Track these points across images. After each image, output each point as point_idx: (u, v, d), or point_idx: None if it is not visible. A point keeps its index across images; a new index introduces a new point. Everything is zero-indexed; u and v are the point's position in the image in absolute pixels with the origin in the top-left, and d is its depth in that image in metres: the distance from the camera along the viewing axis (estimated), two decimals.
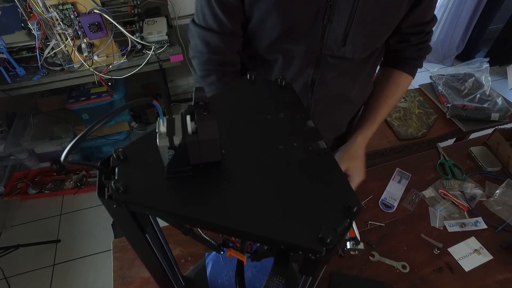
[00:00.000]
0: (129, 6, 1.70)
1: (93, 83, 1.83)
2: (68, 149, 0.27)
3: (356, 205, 0.32)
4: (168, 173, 0.34)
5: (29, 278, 1.69)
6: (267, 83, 0.50)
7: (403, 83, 0.83)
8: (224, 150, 0.38)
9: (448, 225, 0.91)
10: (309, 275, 0.40)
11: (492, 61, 1.82)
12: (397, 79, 0.82)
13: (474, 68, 1.65)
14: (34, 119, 2.09)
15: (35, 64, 1.62)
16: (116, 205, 0.33)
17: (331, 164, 0.38)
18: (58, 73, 1.63)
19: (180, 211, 0.33)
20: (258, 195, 0.34)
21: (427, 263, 0.83)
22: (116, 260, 0.83)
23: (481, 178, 1.05)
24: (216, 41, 0.69)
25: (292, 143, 0.40)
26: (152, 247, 0.44)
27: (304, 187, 0.35)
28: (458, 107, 1.48)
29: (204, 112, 0.31)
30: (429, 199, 0.98)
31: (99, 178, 0.35)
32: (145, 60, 1.69)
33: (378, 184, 1.02)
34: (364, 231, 0.90)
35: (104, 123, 0.28)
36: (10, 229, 1.90)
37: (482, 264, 0.83)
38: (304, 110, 0.45)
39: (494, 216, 0.94)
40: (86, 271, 1.72)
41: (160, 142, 0.32)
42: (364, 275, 0.81)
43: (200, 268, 0.75)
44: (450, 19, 2.86)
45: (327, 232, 0.30)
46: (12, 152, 2.01)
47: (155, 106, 0.30)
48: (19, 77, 1.62)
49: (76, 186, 2.08)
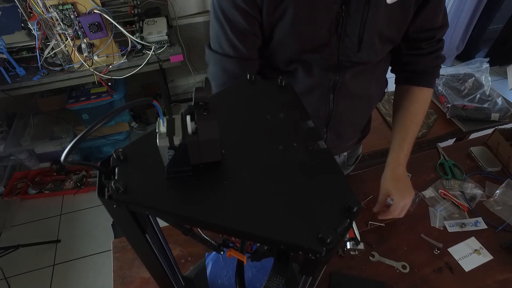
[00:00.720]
0: (129, 6, 1.70)
1: (93, 83, 1.83)
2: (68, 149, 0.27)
3: (356, 205, 0.32)
4: (168, 173, 0.34)
5: (29, 278, 1.69)
6: (267, 83, 0.50)
7: (425, 98, 0.82)
8: (224, 150, 0.38)
9: (448, 225, 0.91)
10: (309, 275, 0.40)
11: (492, 61, 1.82)
12: (418, 97, 0.82)
13: (474, 68, 1.65)
14: (34, 119, 2.09)
15: (35, 64, 1.62)
16: (116, 205, 0.33)
17: (331, 164, 0.38)
18: (58, 73, 1.63)
19: (180, 211, 0.33)
20: (258, 195, 0.34)
21: (427, 263, 0.83)
22: (116, 260, 0.83)
23: (481, 178, 1.05)
24: (232, 66, 0.70)
25: (292, 143, 0.40)
26: (152, 247, 0.44)
27: (304, 187, 0.35)
28: (458, 107, 1.48)
29: (204, 112, 0.31)
30: (429, 199, 0.98)
31: (99, 178, 0.35)
32: (145, 60, 1.69)
33: (378, 184, 1.02)
34: (364, 231, 0.90)
35: (104, 123, 0.28)
36: (10, 229, 1.90)
37: (482, 264, 0.83)
38: (304, 110, 0.45)
39: (494, 216, 0.94)
40: (86, 271, 1.72)
41: (160, 142, 0.32)
42: (364, 275, 0.81)
43: (200, 268, 0.75)
44: (450, 19, 2.82)
45: (327, 232, 0.30)
46: (12, 152, 2.01)
47: (155, 106, 0.30)
48: (19, 77, 1.62)
49: (76, 186, 2.08)
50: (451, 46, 3.00)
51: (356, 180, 1.04)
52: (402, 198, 0.80)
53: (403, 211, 0.81)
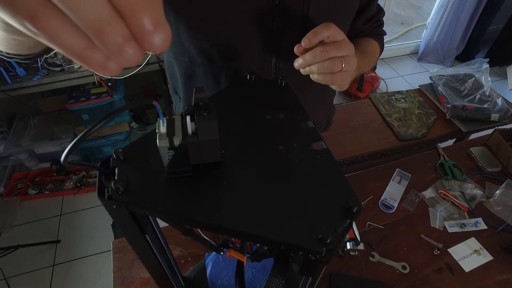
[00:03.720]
0: None
1: (93, 84, 1.83)
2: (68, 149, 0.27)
3: (356, 206, 0.32)
4: (168, 174, 0.34)
5: (29, 279, 1.69)
6: (267, 83, 0.50)
7: (374, 44, 0.80)
8: (224, 150, 0.38)
9: (448, 225, 0.91)
10: (309, 276, 0.40)
11: (492, 62, 1.82)
12: (368, 39, 0.80)
13: (474, 68, 1.65)
14: (34, 120, 2.09)
15: (35, 65, 1.63)
16: (116, 206, 0.32)
17: (331, 164, 0.38)
18: (58, 73, 1.63)
19: (180, 212, 0.33)
20: (258, 196, 0.34)
21: (427, 263, 0.83)
22: (116, 261, 0.83)
23: (481, 179, 1.05)
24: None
25: (292, 143, 0.40)
26: (152, 247, 0.44)
27: (304, 188, 0.35)
28: (458, 107, 1.48)
29: (204, 113, 0.31)
30: (429, 199, 0.98)
31: (99, 179, 0.35)
32: (145, 60, 1.69)
33: (378, 184, 1.02)
34: (364, 231, 0.90)
35: (104, 123, 0.28)
36: (10, 229, 1.90)
37: (482, 265, 0.83)
38: (304, 111, 0.45)
39: (494, 217, 0.94)
40: (86, 272, 1.72)
41: (160, 143, 0.32)
42: (364, 275, 0.81)
43: (200, 268, 0.75)
44: (450, 20, 2.87)
45: (327, 232, 0.30)
46: (12, 152, 2.01)
47: (155, 106, 0.30)
48: (19, 77, 1.62)
49: (76, 187, 2.08)
50: (451, 46, 3.00)
51: (356, 180, 1.04)
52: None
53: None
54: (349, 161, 1.36)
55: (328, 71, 0.53)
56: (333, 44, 0.53)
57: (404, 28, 3.70)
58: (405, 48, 3.31)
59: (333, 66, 0.52)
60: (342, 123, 1.47)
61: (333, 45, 0.52)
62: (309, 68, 0.54)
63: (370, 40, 0.79)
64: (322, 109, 0.89)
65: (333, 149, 0.39)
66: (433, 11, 2.98)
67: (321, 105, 0.87)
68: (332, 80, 0.55)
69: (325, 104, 0.90)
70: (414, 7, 4.35)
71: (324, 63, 0.52)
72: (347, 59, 0.54)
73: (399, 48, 3.30)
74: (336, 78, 0.54)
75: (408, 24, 3.83)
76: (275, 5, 0.58)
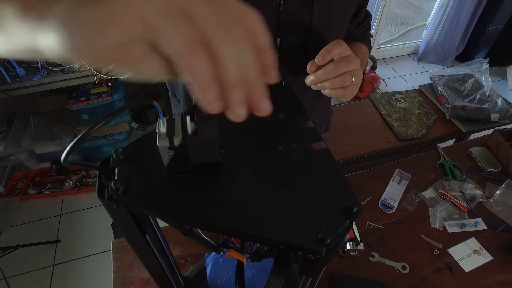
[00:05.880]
0: None
1: (93, 84, 1.83)
2: (68, 149, 0.27)
3: (356, 206, 0.32)
4: (168, 174, 0.34)
5: (29, 279, 1.69)
6: None
7: (364, 48, 0.82)
8: (224, 150, 0.38)
9: (448, 225, 0.91)
10: (309, 276, 0.40)
11: (492, 62, 1.82)
12: (358, 43, 0.81)
13: (474, 68, 1.65)
14: (34, 120, 2.09)
15: (35, 65, 1.63)
16: (116, 206, 0.32)
17: (331, 164, 0.38)
18: (58, 73, 1.63)
19: (180, 212, 0.33)
20: (258, 196, 0.34)
21: (427, 263, 0.83)
22: (116, 261, 0.83)
23: (481, 179, 1.05)
24: None
25: (292, 143, 0.40)
26: (152, 247, 0.43)
27: (304, 188, 0.35)
28: (458, 107, 1.48)
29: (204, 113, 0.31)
30: (429, 199, 0.98)
31: (99, 179, 0.35)
32: None
33: (378, 184, 1.02)
34: (364, 231, 0.90)
35: (104, 123, 0.28)
36: (10, 229, 1.90)
37: (482, 265, 0.83)
38: (303, 111, 0.45)
39: (494, 217, 0.94)
40: (86, 272, 1.72)
41: (160, 143, 0.32)
42: (364, 275, 0.81)
43: (200, 268, 0.75)
44: (450, 20, 2.87)
45: (327, 232, 0.30)
46: (12, 152, 2.01)
47: (155, 106, 0.30)
48: (19, 77, 1.62)
49: (76, 187, 2.08)
50: (451, 46, 3.01)
51: (356, 180, 1.04)
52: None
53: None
54: (349, 161, 1.36)
55: (339, 86, 0.56)
56: (343, 60, 0.55)
57: (404, 28, 3.70)
58: (405, 48, 3.31)
59: (345, 81, 0.55)
60: (342, 123, 1.47)
61: (343, 61, 0.55)
62: (321, 84, 0.57)
63: (361, 45, 0.81)
64: (321, 111, 0.91)
65: (333, 149, 0.39)
66: (433, 11, 2.98)
67: (320, 107, 0.89)
68: (344, 94, 0.57)
69: (324, 106, 0.91)
70: (414, 7, 4.35)
71: (336, 79, 0.55)
72: (356, 73, 0.57)
73: (399, 48, 3.30)
74: (347, 92, 0.57)
75: (408, 24, 3.83)
76: (279, 10, 0.60)
